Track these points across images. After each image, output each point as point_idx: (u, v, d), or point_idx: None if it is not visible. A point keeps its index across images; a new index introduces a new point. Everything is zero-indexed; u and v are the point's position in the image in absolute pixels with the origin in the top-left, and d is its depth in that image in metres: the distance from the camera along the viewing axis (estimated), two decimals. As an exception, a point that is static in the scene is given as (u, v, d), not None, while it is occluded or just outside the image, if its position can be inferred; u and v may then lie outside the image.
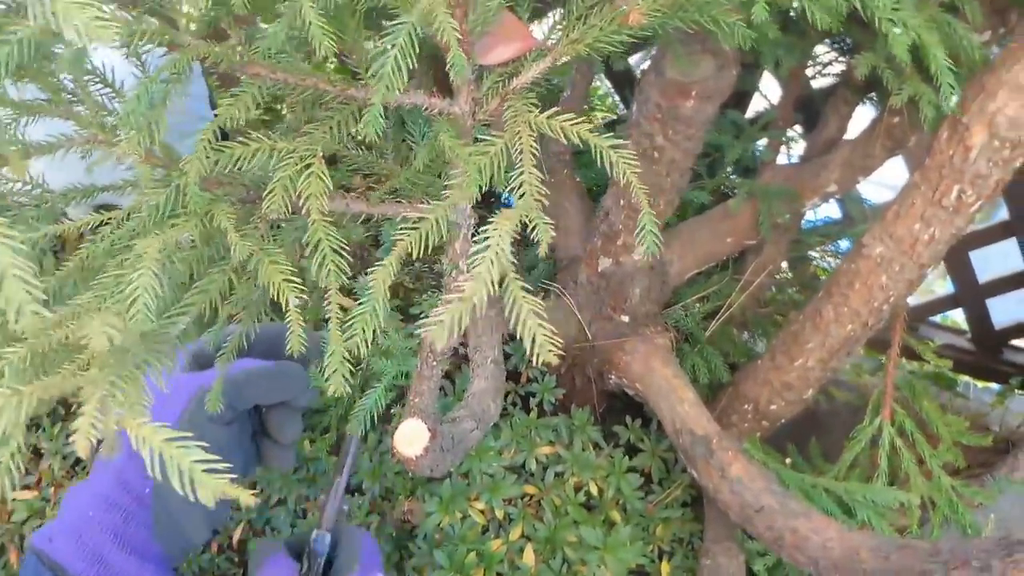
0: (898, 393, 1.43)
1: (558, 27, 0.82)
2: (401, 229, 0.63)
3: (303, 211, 0.65)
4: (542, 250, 0.61)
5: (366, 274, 0.60)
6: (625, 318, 1.47)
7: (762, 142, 1.66)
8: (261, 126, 0.76)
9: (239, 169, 0.68)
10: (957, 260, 2.28)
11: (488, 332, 1.23)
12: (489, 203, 2.04)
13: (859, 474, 1.41)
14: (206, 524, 0.84)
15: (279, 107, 2.02)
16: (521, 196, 0.61)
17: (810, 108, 1.84)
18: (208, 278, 0.67)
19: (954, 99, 1.14)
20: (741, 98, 1.94)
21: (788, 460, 1.48)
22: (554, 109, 0.68)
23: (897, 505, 1.27)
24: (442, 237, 0.66)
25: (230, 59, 0.66)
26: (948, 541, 0.92)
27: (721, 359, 1.57)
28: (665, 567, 1.44)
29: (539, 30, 0.90)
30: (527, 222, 0.59)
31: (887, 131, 1.36)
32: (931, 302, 2.41)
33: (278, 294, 0.62)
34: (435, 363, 0.89)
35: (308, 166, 0.66)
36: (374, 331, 0.57)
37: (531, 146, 0.64)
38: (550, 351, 0.52)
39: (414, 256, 0.63)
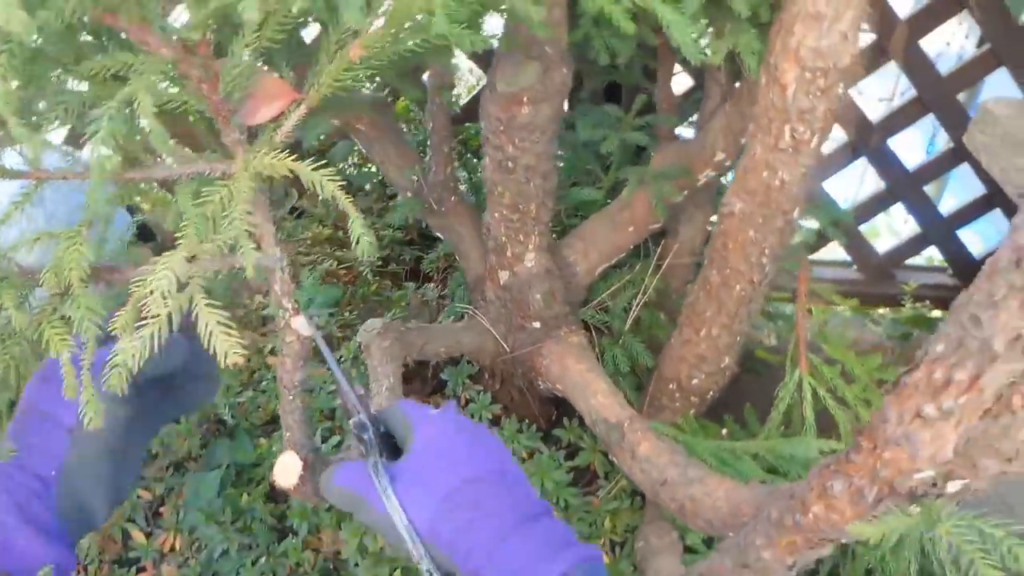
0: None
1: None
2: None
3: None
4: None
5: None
6: (536, 324, 1.50)
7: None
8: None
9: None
10: (916, 197, 2.26)
11: (383, 362, 1.28)
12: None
13: (794, 431, 1.43)
14: (108, 506, 0.87)
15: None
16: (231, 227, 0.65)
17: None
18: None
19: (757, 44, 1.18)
20: (618, 91, 1.98)
21: (724, 431, 1.50)
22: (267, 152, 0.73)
23: (820, 454, 1.28)
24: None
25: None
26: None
27: (643, 346, 1.59)
28: (617, 558, 1.46)
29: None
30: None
31: (749, 88, 1.39)
32: (900, 245, 2.39)
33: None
34: (291, 396, 0.93)
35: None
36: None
37: (247, 188, 0.69)
38: (236, 353, 0.57)
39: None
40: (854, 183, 2.38)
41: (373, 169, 2.28)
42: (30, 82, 0.81)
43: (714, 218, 1.80)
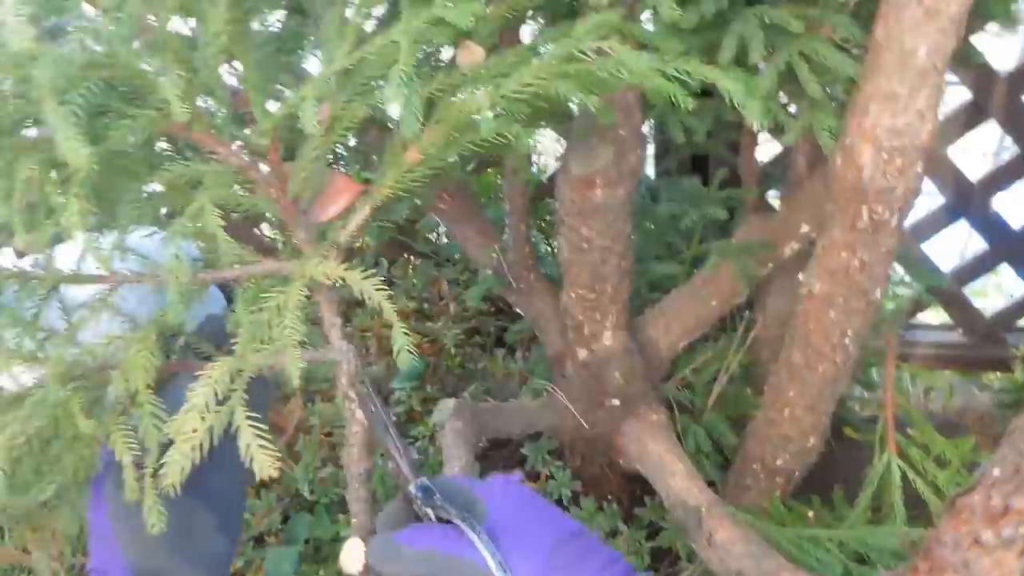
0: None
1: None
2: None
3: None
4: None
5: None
6: (616, 402, 1.49)
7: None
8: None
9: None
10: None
11: (456, 443, 1.28)
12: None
13: (885, 514, 1.38)
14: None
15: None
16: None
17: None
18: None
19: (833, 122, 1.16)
20: (702, 164, 1.96)
21: (811, 513, 1.45)
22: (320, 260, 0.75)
23: (907, 543, 1.23)
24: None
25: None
26: None
27: (726, 424, 1.56)
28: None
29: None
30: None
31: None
32: (1010, 306, 2.27)
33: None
34: (357, 484, 0.94)
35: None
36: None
37: (296, 297, 0.71)
38: (269, 465, 0.58)
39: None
40: (960, 240, 2.27)
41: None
42: (108, 191, 0.85)
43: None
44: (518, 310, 1.65)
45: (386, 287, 0.76)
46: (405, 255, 2.31)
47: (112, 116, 0.80)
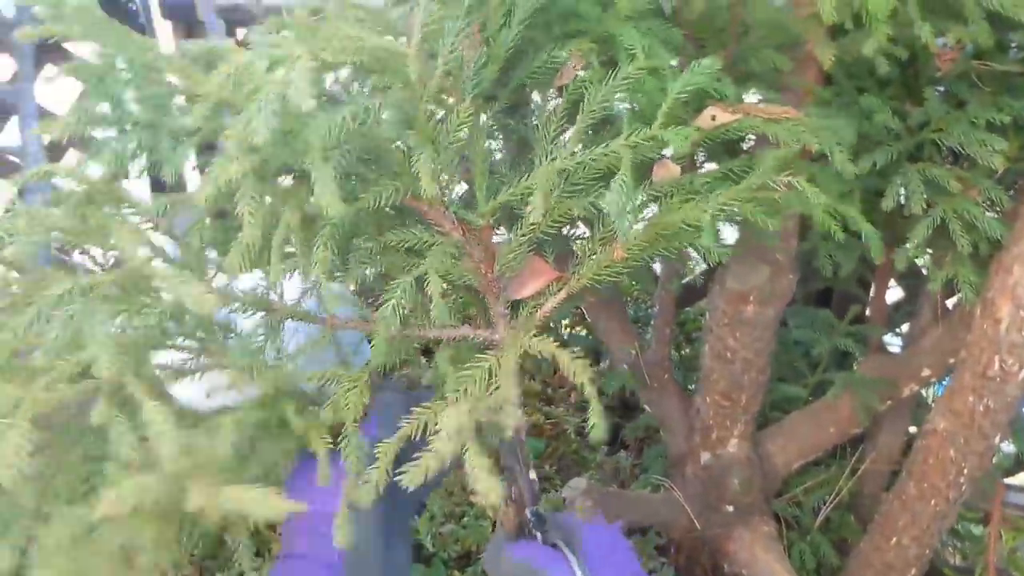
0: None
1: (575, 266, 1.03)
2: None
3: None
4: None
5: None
6: (730, 508, 1.58)
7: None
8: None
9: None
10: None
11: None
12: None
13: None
14: None
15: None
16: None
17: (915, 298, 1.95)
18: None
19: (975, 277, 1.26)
20: (826, 297, 2.06)
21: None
22: (541, 336, 0.89)
23: None
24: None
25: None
26: None
27: (830, 545, 1.64)
28: None
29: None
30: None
31: (963, 315, 1.46)
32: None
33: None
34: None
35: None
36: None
37: (512, 363, 0.84)
38: (494, 494, 0.71)
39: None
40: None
41: (583, 332, 2.44)
42: (343, 244, 0.99)
43: (913, 429, 1.84)
44: (647, 407, 1.75)
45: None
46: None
47: (355, 180, 0.95)
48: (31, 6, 0.87)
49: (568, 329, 2.52)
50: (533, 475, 1.05)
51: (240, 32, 2.70)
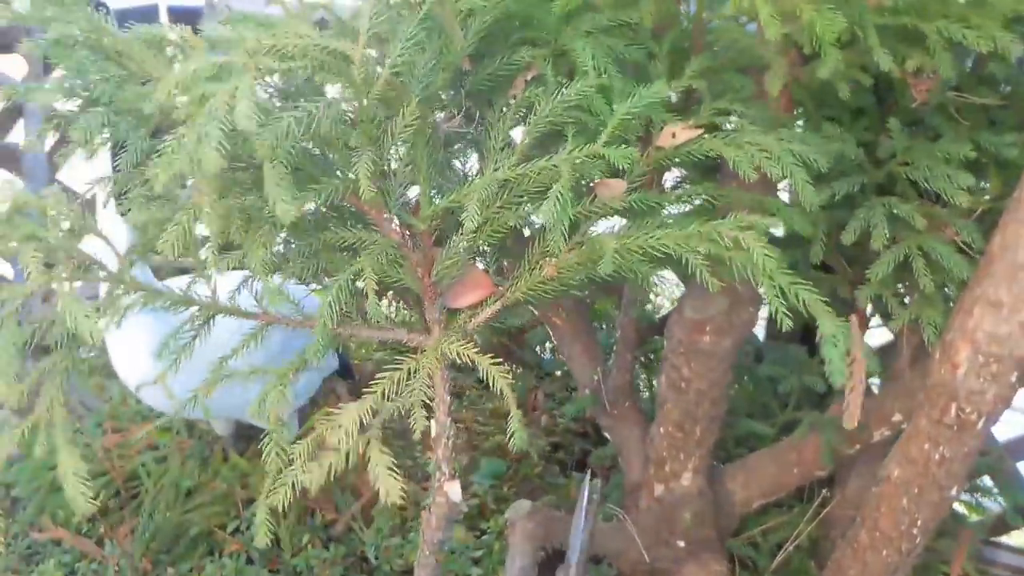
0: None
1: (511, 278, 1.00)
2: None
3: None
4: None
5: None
6: (681, 543, 1.54)
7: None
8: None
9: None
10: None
11: (523, 541, 1.35)
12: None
13: None
14: None
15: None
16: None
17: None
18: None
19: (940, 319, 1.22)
20: (811, 336, 2.01)
21: None
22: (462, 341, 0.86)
23: None
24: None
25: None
26: None
27: (784, 590, 1.59)
28: None
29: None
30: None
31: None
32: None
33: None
34: (428, 552, 1.03)
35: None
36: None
37: (431, 367, 0.82)
38: (396, 494, 0.68)
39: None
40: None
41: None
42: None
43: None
44: (606, 434, 1.72)
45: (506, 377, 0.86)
46: (508, 361, 2.41)
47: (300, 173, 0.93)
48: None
49: (550, 354, 2.49)
50: (457, 490, 1.03)
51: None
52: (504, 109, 1.07)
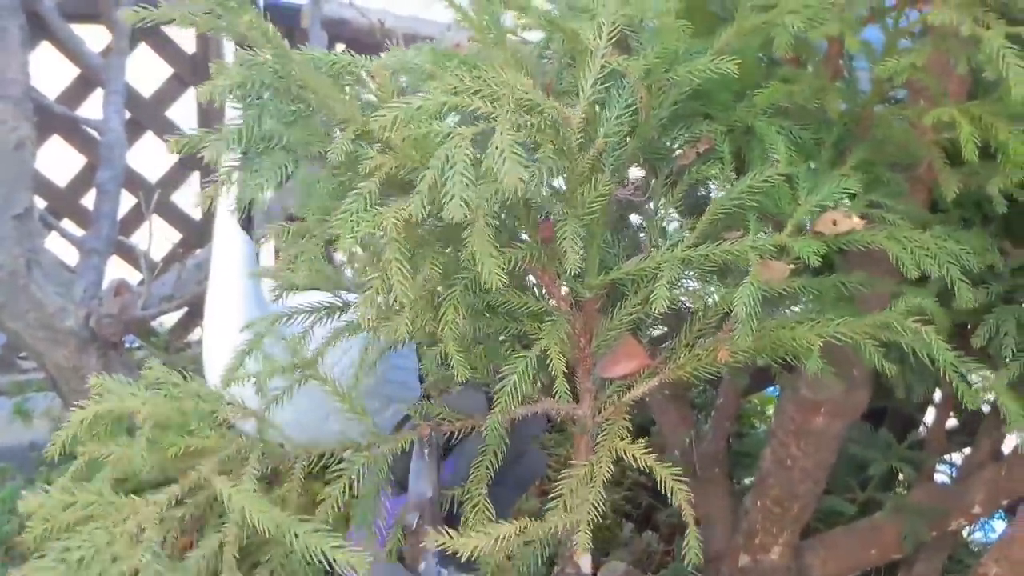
0: None
1: (668, 353, 1.02)
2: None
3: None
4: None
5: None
6: (763, 615, 1.55)
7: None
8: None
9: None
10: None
11: None
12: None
13: None
14: None
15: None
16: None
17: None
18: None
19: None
20: (904, 420, 2.03)
21: None
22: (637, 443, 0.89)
23: None
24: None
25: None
26: None
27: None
28: None
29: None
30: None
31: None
32: None
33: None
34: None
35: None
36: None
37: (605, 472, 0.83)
38: None
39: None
40: None
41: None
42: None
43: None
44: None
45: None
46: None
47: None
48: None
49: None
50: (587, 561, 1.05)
51: (339, 48, 2.62)
52: (668, 177, 1.08)
